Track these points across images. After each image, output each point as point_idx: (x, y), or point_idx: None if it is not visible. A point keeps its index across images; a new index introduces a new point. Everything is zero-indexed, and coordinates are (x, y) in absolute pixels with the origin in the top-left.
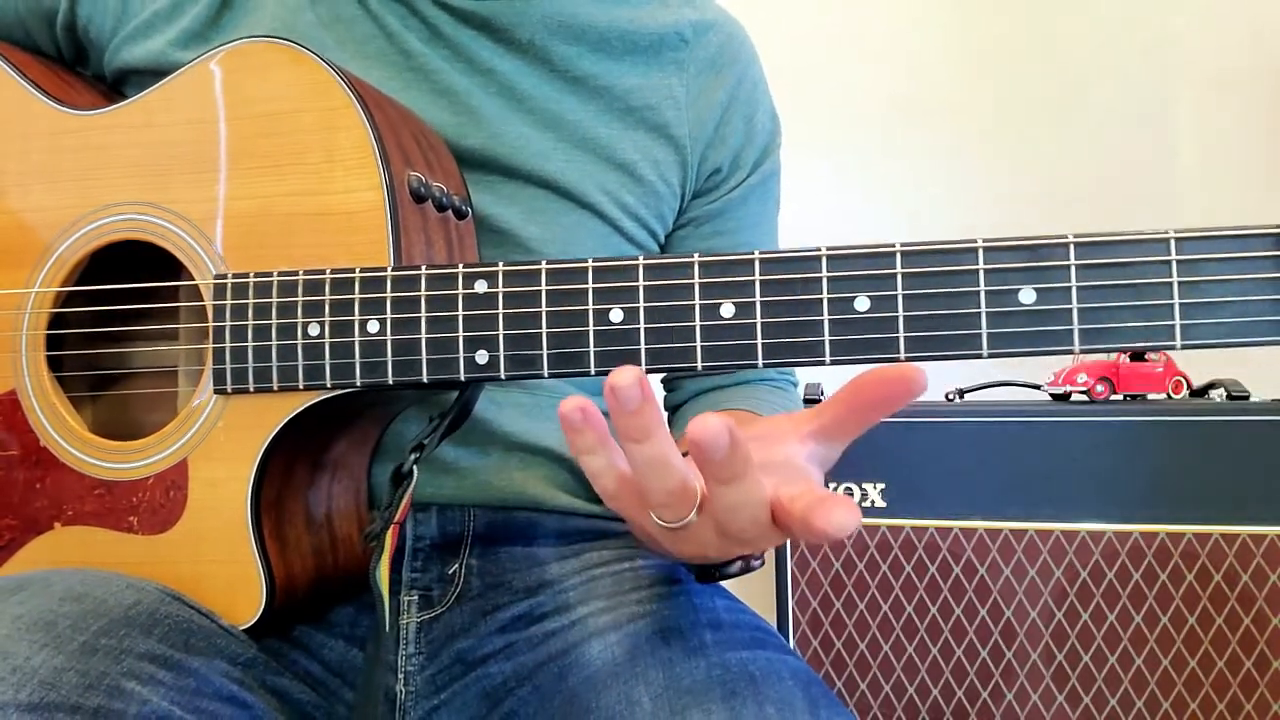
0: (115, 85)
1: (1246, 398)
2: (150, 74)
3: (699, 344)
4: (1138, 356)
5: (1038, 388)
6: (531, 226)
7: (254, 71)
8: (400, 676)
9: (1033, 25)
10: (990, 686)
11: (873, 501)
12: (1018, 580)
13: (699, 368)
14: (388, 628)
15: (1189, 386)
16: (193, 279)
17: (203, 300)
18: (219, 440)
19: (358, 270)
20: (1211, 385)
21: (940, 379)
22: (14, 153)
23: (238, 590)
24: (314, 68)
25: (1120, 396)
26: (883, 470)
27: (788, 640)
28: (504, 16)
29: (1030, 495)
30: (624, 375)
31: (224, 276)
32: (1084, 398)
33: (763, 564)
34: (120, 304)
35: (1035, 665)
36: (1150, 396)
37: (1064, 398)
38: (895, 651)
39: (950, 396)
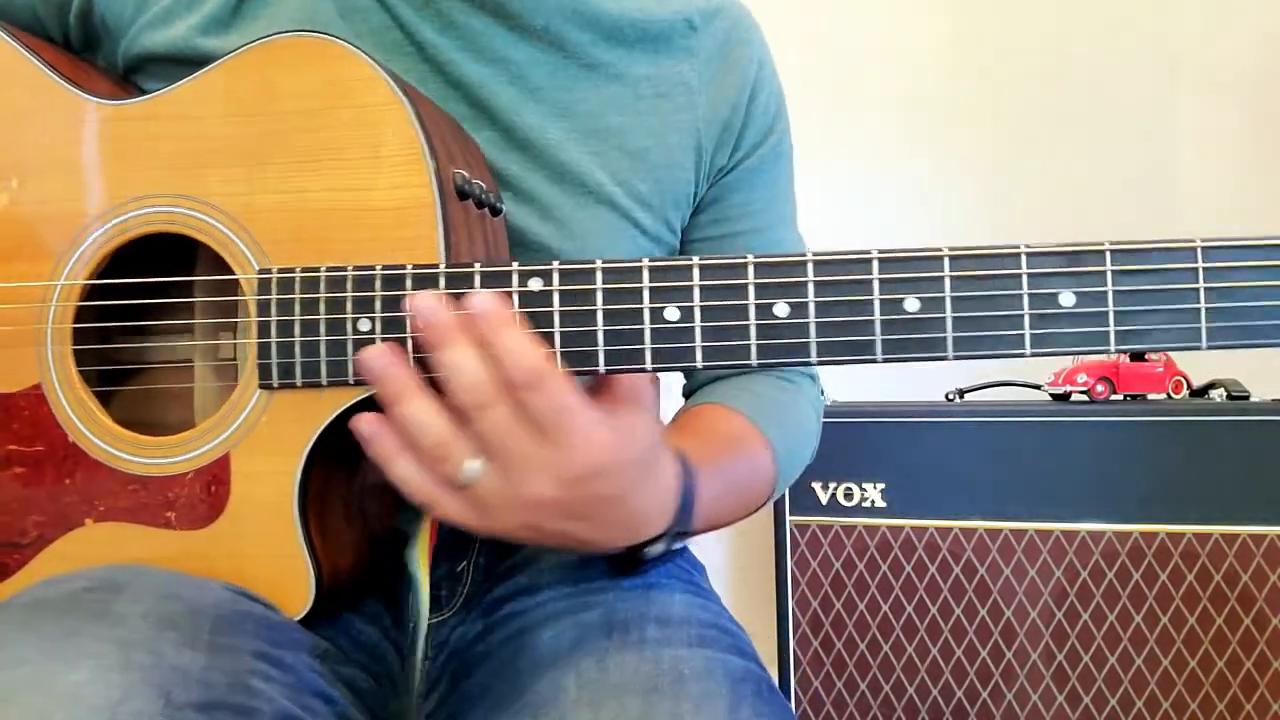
0: (129, 73)
1: (1246, 398)
2: (171, 61)
3: (754, 342)
4: (1137, 356)
5: (1038, 388)
6: (548, 223)
7: (293, 65)
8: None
9: (1033, 28)
10: (990, 686)
11: (873, 501)
12: (1018, 580)
13: (754, 364)
14: (424, 616)
15: (1189, 386)
16: (226, 272)
17: (238, 294)
18: (263, 435)
19: (410, 267)
20: (1211, 385)
21: (940, 379)
22: (37, 141)
23: (286, 583)
24: (356, 63)
25: (1120, 396)
26: (883, 470)
27: (787, 641)
28: (518, 2)
29: (1030, 495)
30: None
31: (269, 271)
32: (1084, 398)
33: (681, 542)
34: (150, 298)
35: (1035, 665)
36: (1150, 396)
37: (1064, 398)
38: (895, 651)
39: (950, 396)
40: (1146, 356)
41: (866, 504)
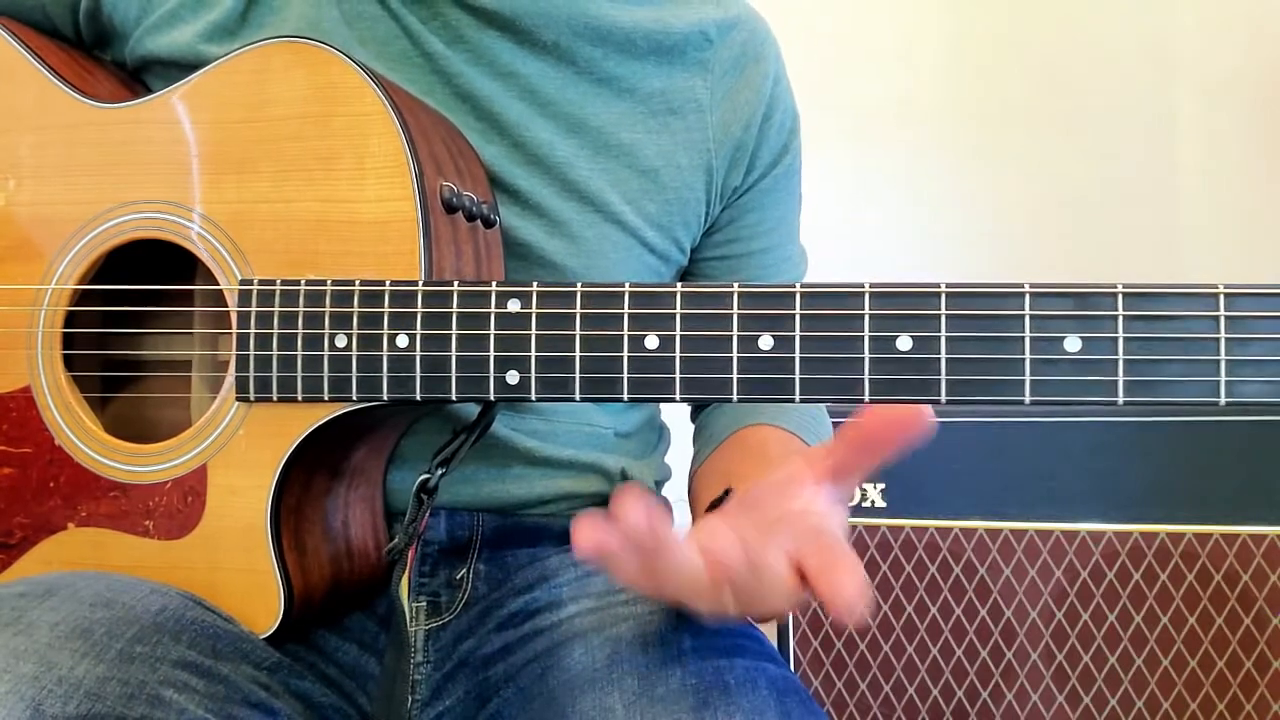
0: (138, 73)
1: None
2: (174, 66)
3: (735, 376)
4: None
5: None
6: (557, 238)
7: (283, 72)
8: (409, 684)
9: (1032, 28)
10: (990, 686)
11: (873, 501)
12: (1018, 580)
13: (734, 399)
14: (407, 642)
15: None
16: (213, 280)
17: (225, 304)
18: (240, 447)
19: (388, 283)
20: None
21: None
22: (33, 143)
23: (255, 599)
24: (345, 70)
25: None
26: (883, 470)
27: (788, 641)
28: (529, 17)
29: (1030, 495)
30: (632, 514)
31: (250, 281)
32: None
33: None
34: (139, 304)
35: (1035, 665)
36: None
37: None
38: (895, 651)
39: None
40: None
41: (866, 504)
